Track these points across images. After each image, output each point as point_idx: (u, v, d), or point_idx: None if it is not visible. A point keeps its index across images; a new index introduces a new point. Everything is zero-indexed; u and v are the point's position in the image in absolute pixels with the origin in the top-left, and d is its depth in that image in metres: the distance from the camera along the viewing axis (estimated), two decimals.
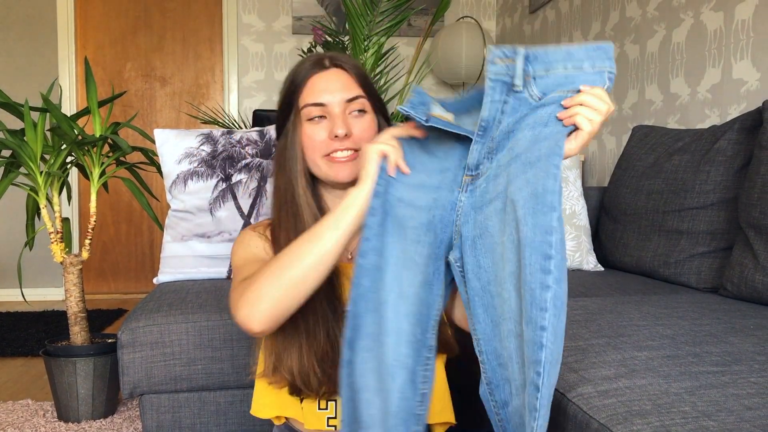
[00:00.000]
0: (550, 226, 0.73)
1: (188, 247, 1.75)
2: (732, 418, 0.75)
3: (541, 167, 0.75)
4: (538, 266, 0.72)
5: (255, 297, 0.86)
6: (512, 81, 0.80)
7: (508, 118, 0.81)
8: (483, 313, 0.81)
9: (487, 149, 0.83)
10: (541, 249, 0.72)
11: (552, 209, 0.73)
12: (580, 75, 0.78)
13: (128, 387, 1.43)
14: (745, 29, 1.94)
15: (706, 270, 1.64)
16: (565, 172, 1.96)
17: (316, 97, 1.01)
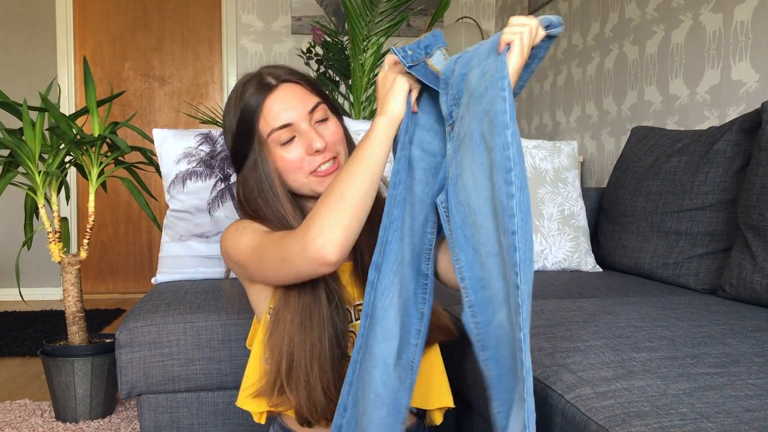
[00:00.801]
0: (506, 142, 0.80)
1: (187, 247, 1.75)
2: (730, 420, 0.75)
3: (491, 93, 0.83)
4: (503, 180, 0.80)
5: (326, 226, 0.87)
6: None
7: (460, 67, 0.89)
8: (465, 242, 0.88)
9: (452, 98, 0.90)
10: (503, 164, 0.80)
11: (505, 127, 0.80)
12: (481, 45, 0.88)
13: (126, 387, 1.42)
14: (744, 30, 1.94)
15: (704, 271, 1.64)
16: (563, 173, 1.96)
17: (278, 120, 0.99)
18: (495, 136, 0.81)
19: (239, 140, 1.02)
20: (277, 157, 1.00)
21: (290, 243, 0.90)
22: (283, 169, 1.01)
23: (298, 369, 0.96)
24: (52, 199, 1.89)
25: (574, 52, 3.04)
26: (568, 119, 3.09)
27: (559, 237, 1.89)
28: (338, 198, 0.89)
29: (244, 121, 1.00)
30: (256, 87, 1.00)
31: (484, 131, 0.84)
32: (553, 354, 1.02)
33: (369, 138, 0.92)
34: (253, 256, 0.98)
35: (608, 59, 2.73)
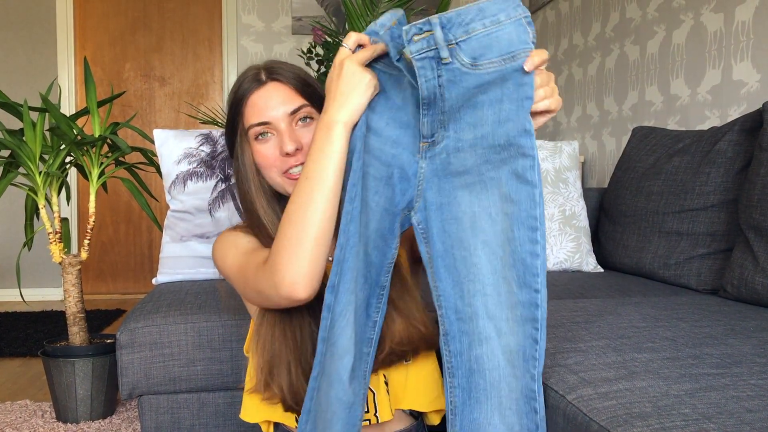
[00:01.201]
0: (534, 202, 0.81)
1: (187, 247, 1.75)
2: (732, 421, 0.74)
3: (515, 150, 0.82)
4: (527, 238, 0.82)
5: (292, 263, 0.86)
6: (439, 54, 0.80)
7: (449, 89, 0.82)
8: (445, 273, 0.88)
9: (438, 122, 0.85)
10: (528, 223, 0.82)
11: (533, 186, 0.81)
12: (500, 30, 0.79)
13: (127, 388, 1.42)
14: (745, 30, 1.94)
15: (706, 271, 1.64)
16: (564, 173, 1.96)
17: (258, 116, 1.00)
18: (521, 192, 0.82)
19: (228, 128, 1.05)
20: (255, 151, 1.02)
21: (264, 277, 0.90)
22: (260, 165, 1.02)
23: (280, 361, 0.98)
24: (53, 199, 1.88)
25: (575, 52, 3.03)
26: (569, 119, 3.09)
27: (560, 237, 1.89)
28: (299, 229, 0.86)
29: (232, 111, 1.03)
30: (249, 80, 1.02)
31: (501, 180, 0.83)
32: (555, 354, 1.02)
33: (324, 151, 0.87)
34: (236, 279, 1.00)
35: (609, 59, 2.73)
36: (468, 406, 0.85)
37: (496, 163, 0.83)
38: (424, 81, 0.82)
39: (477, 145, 0.84)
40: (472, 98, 0.82)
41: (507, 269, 0.83)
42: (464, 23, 0.79)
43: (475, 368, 0.84)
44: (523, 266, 0.82)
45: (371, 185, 0.88)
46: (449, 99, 0.83)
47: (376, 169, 0.89)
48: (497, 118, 0.82)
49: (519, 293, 0.83)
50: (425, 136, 0.87)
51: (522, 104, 0.81)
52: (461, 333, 0.86)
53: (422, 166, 0.88)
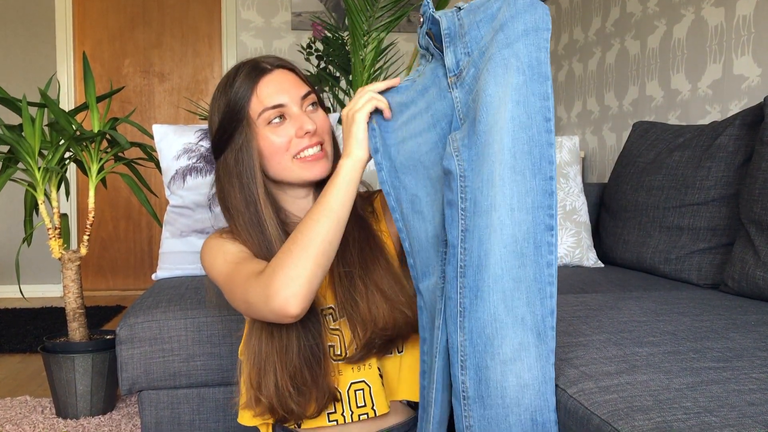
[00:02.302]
0: (546, 93, 0.84)
1: (187, 243, 1.75)
2: (734, 414, 0.74)
3: (532, 39, 0.85)
4: (543, 127, 0.83)
5: (290, 279, 0.87)
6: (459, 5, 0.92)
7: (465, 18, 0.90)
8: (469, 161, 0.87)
9: (461, 49, 0.90)
10: (542, 112, 0.84)
11: (546, 78, 0.84)
12: None
13: (127, 383, 1.42)
14: (746, 25, 1.94)
15: (707, 266, 1.63)
16: (565, 168, 1.95)
17: (272, 99, 0.99)
18: (535, 83, 0.84)
19: (227, 121, 1.01)
20: (263, 137, 1.00)
21: (255, 289, 0.90)
22: (268, 152, 1.01)
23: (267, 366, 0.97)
24: (52, 195, 1.88)
25: (575, 47, 3.03)
26: (570, 114, 3.08)
27: (561, 232, 1.88)
28: (303, 249, 0.88)
29: (235, 102, 1.01)
30: (250, 69, 1.01)
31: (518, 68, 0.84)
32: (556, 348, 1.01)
33: (334, 183, 0.92)
34: (225, 286, 0.99)
35: (609, 54, 2.73)
36: (474, 305, 0.83)
37: (516, 50, 0.84)
38: (446, 19, 0.91)
39: (498, 32, 0.86)
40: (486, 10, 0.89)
41: (517, 158, 0.83)
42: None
43: (483, 264, 0.83)
44: (540, 153, 0.83)
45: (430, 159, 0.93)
46: (467, 23, 0.89)
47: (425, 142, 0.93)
48: (514, 11, 0.86)
49: (532, 181, 0.83)
50: (452, 70, 0.90)
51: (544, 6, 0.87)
52: (474, 228, 0.85)
53: (457, 96, 0.90)
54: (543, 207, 0.83)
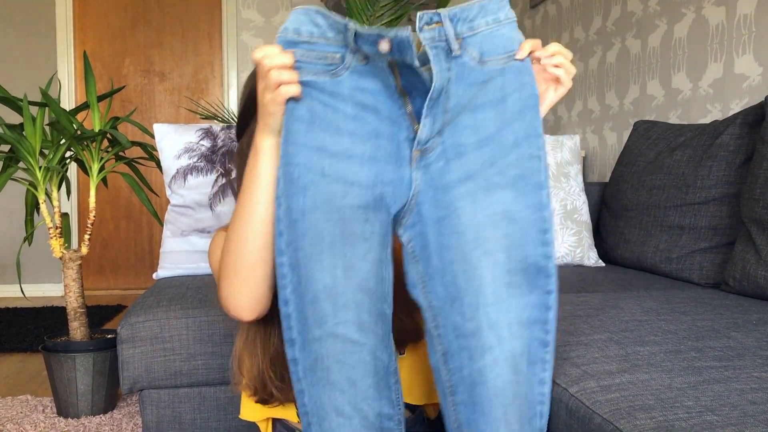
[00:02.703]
0: (541, 203, 0.80)
1: (188, 242, 1.75)
2: (735, 413, 0.74)
3: (524, 150, 0.79)
4: (539, 241, 0.79)
5: (232, 292, 0.86)
6: (449, 46, 0.78)
7: (454, 87, 0.79)
8: (442, 290, 0.81)
9: (440, 123, 0.79)
10: (538, 225, 0.79)
11: (542, 187, 0.79)
12: (501, 28, 0.80)
13: (128, 382, 1.42)
14: (747, 24, 1.93)
15: (708, 265, 1.63)
16: (566, 167, 1.95)
17: None
18: (529, 195, 0.79)
19: (246, 108, 1.01)
20: None
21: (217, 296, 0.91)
22: None
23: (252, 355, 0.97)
24: (53, 194, 1.88)
25: (576, 46, 3.03)
26: (570, 114, 3.08)
27: (562, 232, 1.88)
28: (237, 258, 0.85)
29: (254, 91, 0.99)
30: None
31: (508, 183, 0.79)
32: (557, 348, 1.01)
33: (253, 173, 0.82)
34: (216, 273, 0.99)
35: (610, 53, 2.72)
36: (474, 421, 0.80)
37: (503, 167, 0.79)
38: (438, 71, 0.76)
39: (482, 147, 0.80)
40: (474, 100, 0.80)
41: (514, 275, 0.80)
42: (468, 19, 0.79)
43: (478, 380, 0.80)
44: (536, 269, 0.80)
45: (352, 215, 0.79)
46: (454, 96, 0.79)
47: (353, 195, 0.79)
48: (501, 119, 0.80)
49: (529, 296, 0.80)
50: (421, 142, 0.79)
51: (526, 102, 0.80)
52: (461, 349, 0.81)
53: (416, 178, 0.80)
54: (539, 322, 0.81)
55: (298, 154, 0.77)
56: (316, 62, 0.77)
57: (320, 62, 0.77)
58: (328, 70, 0.77)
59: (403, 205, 0.81)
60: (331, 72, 0.77)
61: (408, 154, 0.80)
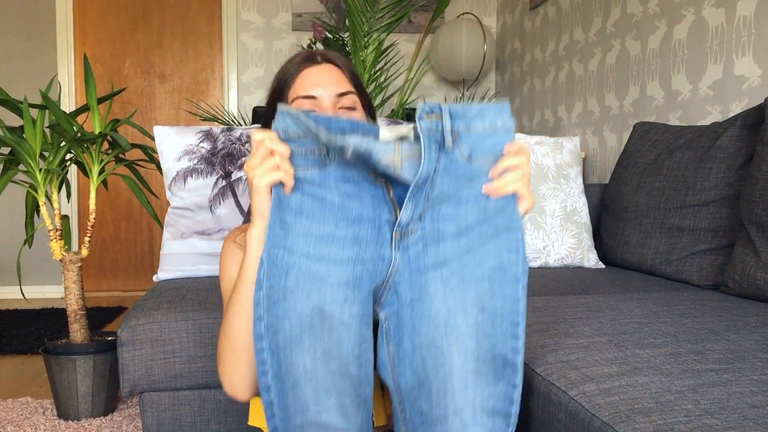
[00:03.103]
0: (516, 296, 0.81)
1: (188, 244, 1.75)
2: (735, 416, 0.74)
3: (502, 242, 0.82)
4: (509, 333, 0.81)
5: (229, 376, 0.90)
6: (443, 139, 0.81)
7: (440, 178, 0.82)
8: (411, 374, 0.83)
9: (421, 209, 0.83)
10: (509, 318, 0.81)
11: (517, 281, 0.81)
12: (495, 132, 0.83)
13: (128, 385, 1.42)
14: (746, 25, 1.94)
15: (707, 267, 1.63)
16: (566, 169, 1.95)
17: (307, 89, 1.00)
18: (504, 286, 0.81)
19: (271, 101, 1.04)
20: None
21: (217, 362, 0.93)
22: None
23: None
24: (53, 196, 1.88)
25: (576, 47, 3.03)
26: (570, 115, 3.08)
27: (562, 233, 1.88)
28: (234, 343, 0.88)
29: (279, 84, 1.03)
30: (302, 59, 1.02)
31: (484, 273, 0.81)
32: (557, 351, 1.01)
33: (246, 263, 0.86)
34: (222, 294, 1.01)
35: (610, 55, 2.73)
36: None
37: (480, 257, 0.82)
38: (427, 160, 0.80)
39: (460, 236, 0.83)
40: (458, 192, 0.83)
41: (482, 363, 0.81)
42: (467, 118, 0.82)
43: None
44: (503, 361, 0.81)
45: (332, 295, 0.80)
46: (439, 185, 0.82)
47: (335, 275, 0.81)
48: (483, 213, 0.83)
49: (495, 386, 0.81)
50: (401, 225, 0.82)
51: (509, 199, 0.83)
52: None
53: (396, 258, 0.83)
54: (502, 415, 0.81)
55: (284, 238, 0.81)
56: (306, 156, 0.82)
57: (309, 156, 0.82)
58: (316, 164, 0.82)
59: (381, 283, 0.84)
60: (318, 165, 0.82)
61: (389, 235, 0.83)
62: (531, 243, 1.87)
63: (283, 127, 0.81)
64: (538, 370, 0.98)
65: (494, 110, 0.83)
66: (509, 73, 3.86)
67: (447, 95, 4.08)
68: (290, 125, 0.81)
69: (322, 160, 0.82)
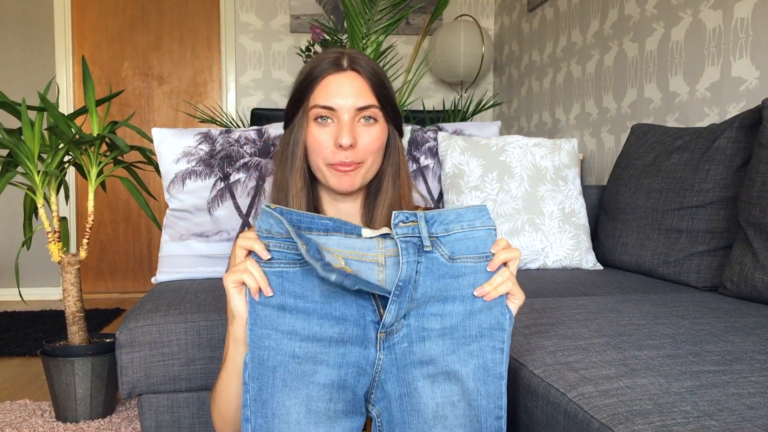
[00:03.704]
0: (500, 393, 0.84)
1: (186, 246, 1.75)
2: (734, 418, 0.74)
3: (486, 342, 0.84)
4: (493, 427, 0.84)
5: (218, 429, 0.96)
6: (421, 242, 0.83)
7: (423, 279, 0.84)
8: None
9: (405, 309, 0.84)
10: (494, 413, 0.84)
11: (501, 378, 0.84)
12: (475, 233, 0.85)
13: (127, 387, 1.42)
14: (744, 27, 1.94)
15: (705, 269, 1.64)
16: (563, 170, 1.96)
17: (326, 99, 0.98)
18: (488, 384, 0.84)
19: (293, 100, 1.03)
20: (309, 132, 1.00)
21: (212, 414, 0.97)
22: (309, 146, 1.00)
23: None
24: (51, 198, 1.88)
25: (574, 49, 3.03)
26: (568, 117, 3.09)
27: (560, 235, 1.89)
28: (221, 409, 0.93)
29: (303, 85, 1.01)
30: (329, 62, 0.99)
31: (468, 373, 0.84)
32: (555, 352, 1.02)
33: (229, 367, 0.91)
34: None
35: (608, 57, 2.73)
36: None
37: (464, 356, 0.84)
38: (405, 263, 0.82)
39: (445, 335, 0.84)
40: (443, 291, 0.84)
41: None
42: (444, 222, 0.85)
43: None
44: None
45: (318, 393, 0.82)
46: (422, 287, 0.83)
47: (321, 374, 0.82)
48: (468, 311, 0.84)
49: None
50: (386, 325, 0.84)
51: (495, 300, 0.85)
52: None
53: (380, 358, 0.85)
54: None
55: (268, 338, 0.81)
56: (288, 252, 0.82)
57: (292, 253, 0.82)
58: (298, 260, 0.82)
59: (368, 383, 0.86)
60: (301, 262, 0.82)
61: (373, 335, 0.85)
62: (529, 245, 1.87)
63: (267, 227, 0.82)
64: (537, 372, 0.98)
65: (472, 213, 0.85)
66: (507, 74, 3.86)
67: (445, 97, 4.09)
68: (273, 226, 0.82)
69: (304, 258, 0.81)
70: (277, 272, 0.82)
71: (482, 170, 1.91)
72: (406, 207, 1.04)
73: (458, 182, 1.92)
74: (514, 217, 1.88)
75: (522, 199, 1.89)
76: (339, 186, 1.00)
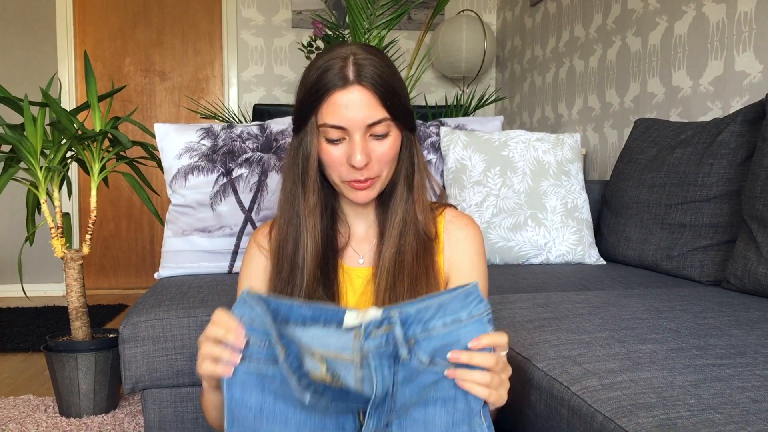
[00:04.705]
0: None
1: (189, 241, 1.75)
2: (738, 411, 0.74)
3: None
4: None
5: None
6: (397, 352, 0.77)
7: (401, 391, 0.79)
8: None
9: (385, 420, 0.80)
10: None
11: None
12: (461, 328, 0.77)
13: (130, 382, 1.42)
14: (747, 21, 1.93)
15: (709, 263, 1.63)
16: (566, 165, 1.95)
17: (335, 119, 0.94)
18: None
19: (300, 109, 0.99)
20: (322, 148, 0.97)
21: None
22: (326, 161, 0.98)
23: None
24: (54, 194, 1.88)
25: (577, 44, 3.02)
26: (571, 112, 3.08)
27: (563, 230, 1.88)
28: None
29: (308, 98, 0.97)
30: (334, 73, 0.94)
31: None
32: (558, 346, 1.02)
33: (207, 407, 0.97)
34: None
35: (611, 51, 2.72)
36: None
37: None
38: (380, 380, 0.76)
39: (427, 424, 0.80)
40: (423, 396, 0.80)
41: None
42: (424, 320, 0.77)
43: None
44: None
45: None
46: (401, 398, 0.79)
47: None
48: (451, 419, 0.80)
49: None
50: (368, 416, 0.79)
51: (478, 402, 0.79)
52: None
53: None
54: None
55: None
56: (268, 350, 0.77)
57: (270, 350, 0.77)
58: (277, 359, 0.78)
59: None
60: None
61: None
62: (532, 239, 1.87)
63: (249, 316, 0.77)
64: (540, 366, 0.98)
65: (457, 302, 0.77)
66: (509, 69, 3.85)
67: (447, 92, 4.08)
68: (255, 320, 0.78)
69: None
70: (257, 370, 0.78)
71: (485, 165, 1.91)
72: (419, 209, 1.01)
73: (461, 177, 1.91)
74: (516, 212, 1.87)
75: (525, 194, 1.89)
76: (356, 200, 0.99)
